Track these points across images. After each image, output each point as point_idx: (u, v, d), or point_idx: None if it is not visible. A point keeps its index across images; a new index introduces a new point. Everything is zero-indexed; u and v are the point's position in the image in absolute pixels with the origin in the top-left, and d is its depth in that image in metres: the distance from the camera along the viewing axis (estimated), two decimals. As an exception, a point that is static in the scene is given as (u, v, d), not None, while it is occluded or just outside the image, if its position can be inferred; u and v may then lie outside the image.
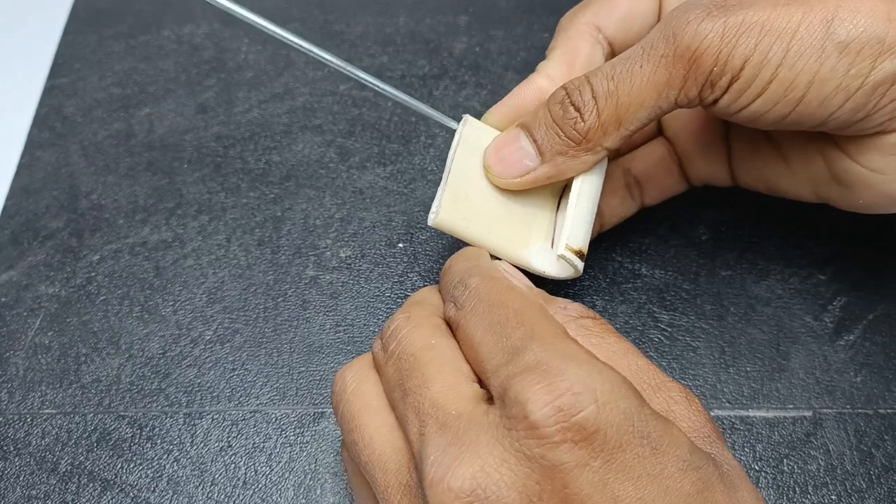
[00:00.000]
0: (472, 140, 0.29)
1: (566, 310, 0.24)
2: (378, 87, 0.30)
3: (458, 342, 0.23)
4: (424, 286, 0.35)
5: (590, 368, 0.19)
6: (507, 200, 0.29)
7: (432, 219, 0.28)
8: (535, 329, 0.21)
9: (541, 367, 0.19)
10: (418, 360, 0.22)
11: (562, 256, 0.28)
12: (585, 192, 0.28)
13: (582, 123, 0.26)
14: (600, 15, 0.30)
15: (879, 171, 0.26)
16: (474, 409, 0.20)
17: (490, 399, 0.21)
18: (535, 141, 0.28)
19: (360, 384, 0.24)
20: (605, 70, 0.26)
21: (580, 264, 0.28)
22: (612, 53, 0.30)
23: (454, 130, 0.30)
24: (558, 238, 0.28)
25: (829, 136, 0.27)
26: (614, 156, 0.33)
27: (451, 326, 0.24)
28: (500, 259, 0.28)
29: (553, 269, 0.29)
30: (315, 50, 0.29)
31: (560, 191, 0.30)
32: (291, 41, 0.29)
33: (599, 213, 0.32)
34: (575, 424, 0.18)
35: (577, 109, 0.26)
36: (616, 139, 0.27)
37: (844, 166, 0.27)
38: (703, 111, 0.29)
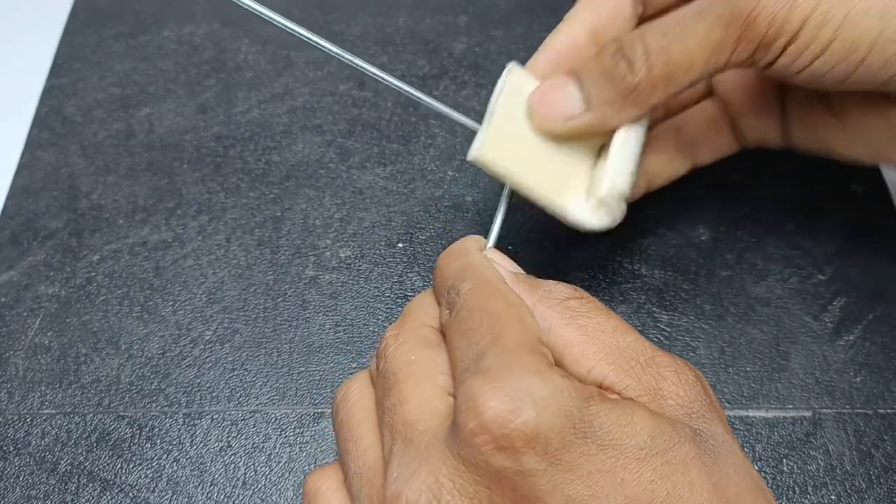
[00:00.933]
0: (516, 89, 0.29)
1: (551, 293, 0.24)
2: (400, 87, 0.31)
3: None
4: (424, 286, 0.35)
5: (532, 376, 0.20)
6: (549, 147, 0.29)
7: (474, 152, 0.27)
8: (501, 336, 0.21)
9: (487, 373, 0.20)
10: (397, 378, 0.23)
11: (602, 200, 0.28)
12: (629, 142, 0.28)
13: (632, 77, 0.26)
14: None
15: None
16: (440, 423, 0.21)
17: None
18: (582, 89, 0.28)
19: (362, 397, 0.24)
20: (658, 26, 0.26)
21: (621, 209, 0.28)
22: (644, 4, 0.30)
23: (469, 129, 0.30)
24: (600, 183, 0.28)
25: (890, 96, 0.27)
26: (665, 115, 0.33)
27: (444, 332, 0.24)
28: (485, 246, 0.27)
29: (591, 219, 0.28)
30: (339, 51, 0.30)
31: (598, 149, 0.30)
32: (304, 36, 0.29)
33: (649, 172, 0.32)
34: (514, 430, 0.19)
35: (629, 63, 0.26)
36: (663, 96, 0.27)
37: None
38: (757, 70, 0.29)
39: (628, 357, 0.22)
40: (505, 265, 0.26)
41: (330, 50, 0.29)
